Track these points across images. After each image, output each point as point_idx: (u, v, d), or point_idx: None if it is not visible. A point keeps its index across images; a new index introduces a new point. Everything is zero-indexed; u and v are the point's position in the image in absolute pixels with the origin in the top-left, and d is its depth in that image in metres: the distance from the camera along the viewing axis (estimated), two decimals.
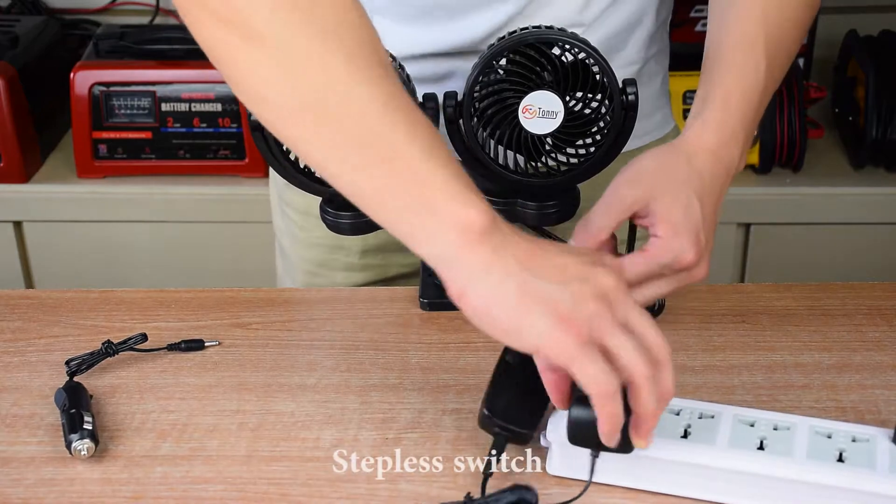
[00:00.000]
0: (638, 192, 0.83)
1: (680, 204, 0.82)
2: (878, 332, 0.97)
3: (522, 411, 0.81)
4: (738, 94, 0.87)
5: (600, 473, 0.78)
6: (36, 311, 1.02)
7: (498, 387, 0.82)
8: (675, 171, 0.84)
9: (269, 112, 0.75)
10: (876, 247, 1.82)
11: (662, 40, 1.09)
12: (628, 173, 0.85)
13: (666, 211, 0.82)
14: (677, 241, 0.82)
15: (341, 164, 0.74)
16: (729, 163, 0.86)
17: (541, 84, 0.90)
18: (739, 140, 0.87)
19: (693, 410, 0.80)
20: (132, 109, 1.80)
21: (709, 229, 0.84)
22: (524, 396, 0.81)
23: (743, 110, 0.87)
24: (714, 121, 0.86)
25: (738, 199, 1.79)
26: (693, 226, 0.82)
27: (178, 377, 0.92)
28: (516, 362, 0.82)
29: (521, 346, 0.73)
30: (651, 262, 0.82)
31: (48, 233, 1.86)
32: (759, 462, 0.76)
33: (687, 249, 0.82)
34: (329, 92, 0.72)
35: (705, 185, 0.84)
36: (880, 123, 1.79)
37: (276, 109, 0.74)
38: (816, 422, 0.79)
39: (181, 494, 0.80)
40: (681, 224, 0.82)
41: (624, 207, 0.83)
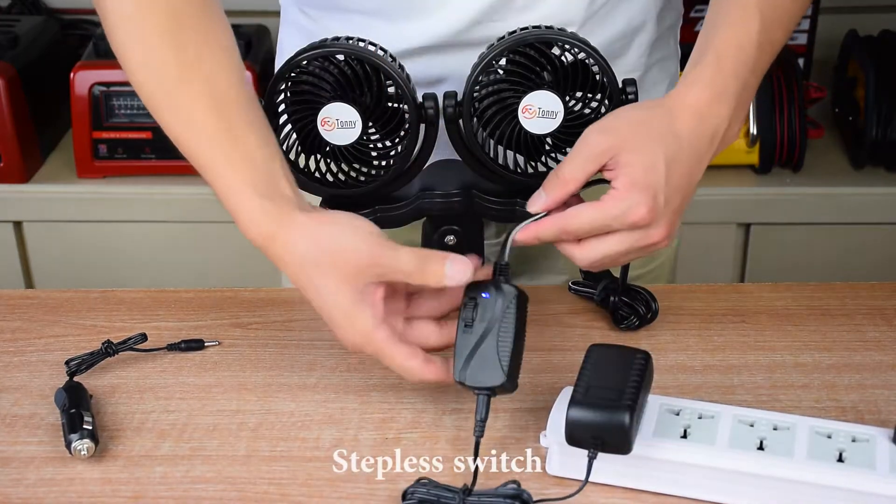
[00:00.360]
0: (608, 141, 0.83)
1: (646, 160, 0.82)
2: (878, 332, 0.97)
3: (489, 366, 0.81)
4: (730, 51, 0.85)
5: (600, 474, 0.78)
6: (36, 311, 1.02)
7: (460, 351, 0.83)
8: (651, 126, 0.83)
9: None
10: (876, 247, 1.82)
11: (668, 46, 1.08)
12: (603, 121, 0.84)
13: (628, 164, 0.82)
14: (630, 194, 0.81)
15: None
16: (716, 124, 0.84)
17: (541, 84, 0.90)
18: (730, 99, 0.85)
19: (693, 410, 0.80)
20: (132, 109, 1.80)
21: (674, 193, 0.83)
22: (484, 351, 0.82)
23: (735, 68, 0.85)
24: (703, 77, 0.85)
25: (738, 199, 1.79)
26: (652, 184, 0.81)
27: (178, 377, 0.92)
28: (470, 321, 0.83)
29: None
30: (599, 212, 0.82)
31: (48, 233, 1.86)
32: (759, 462, 0.76)
33: (639, 203, 0.81)
34: (164, 121, 0.85)
35: (682, 148, 0.83)
36: (880, 123, 1.79)
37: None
38: (816, 422, 0.79)
39: (181, 494, 0.80)
40: (639, 179, 0.81)
41: (593, 156, 0.83)
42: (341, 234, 0.83)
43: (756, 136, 1.78)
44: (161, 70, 0.84)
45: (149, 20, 0.84)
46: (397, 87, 0.89)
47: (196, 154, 0.85)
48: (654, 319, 0.97)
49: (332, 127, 0.90)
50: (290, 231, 0.83)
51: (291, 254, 0.83)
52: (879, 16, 2.00)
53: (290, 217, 0.83)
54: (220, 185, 0.84)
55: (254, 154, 0.84)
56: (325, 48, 0.89)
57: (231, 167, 0.84)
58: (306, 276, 0.83)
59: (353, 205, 0.95)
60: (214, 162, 0.84)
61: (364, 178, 0.94)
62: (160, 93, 0.85)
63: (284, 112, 0.91)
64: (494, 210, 0.94)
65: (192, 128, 0.84)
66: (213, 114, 0.84)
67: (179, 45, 0.84)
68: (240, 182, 0.83)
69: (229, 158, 0.84)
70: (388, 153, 0.93)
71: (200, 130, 0.84)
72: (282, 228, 0.83)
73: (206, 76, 0.84)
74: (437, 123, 0.91)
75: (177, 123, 0.85)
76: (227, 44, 0.88)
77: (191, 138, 0.84)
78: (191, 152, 0.85)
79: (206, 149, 0.84)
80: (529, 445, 0.83)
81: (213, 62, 0.85)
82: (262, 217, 0.83)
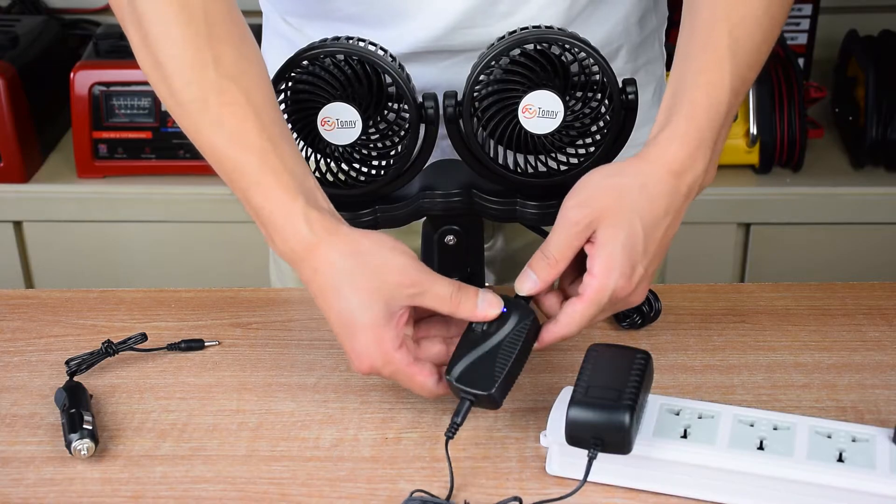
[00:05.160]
0: (588, 215, 0.82)
1: (621, 234, 0.81)
2: (878, 332, 0.97)
3: (482, 375, 0.81)
4: (704, 101, 0.84)
5: (600, 473, 0.78)
6: (36, 311, 1.02)
7: (459, 352, 0.83)
8: (625, 194, 0.82)
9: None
10: (876, 247, 1.81)
11: (653, 49, 1.08)
12: (579, 194, 0.84)
13: (606, 242, 0.82)
14: (609, 279, 0.81)
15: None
16: (692, 181, 0.84)
17: (541, 84, 0.90)
18: (706, 150, 0.84)
19: (693, 410, 0.80)
20: (132, 109, 1.80)
21: (652, 259, 0.83)
22: (483, 360, 0.82)
23: (710, 118, 0.84)
24: (678, 134, 0.84)
25: (738, 199, 1.79)
26: (630, 259, 0.81)
27: (178, 377, 0.92)
28: (479, 329, 0.83)
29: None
30: (588, 309, 0.82)
31: (48, 233, 1.86)
32: (759, 462, 0.76)
33: (619, 285, 0.81)
34: (188, 127, 0.87)
35: (659, 214, 0.82)
36: (880, 123, 1.79)
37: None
38: (816, 422, 0.79)
39: (181, 494, 0.80)
40: (617, 260, 0.81)
41: (576, 232, 0.83)
42: (386, 251, 0.82)
43: (756, 136, 1.78)
44: (204, 87, 0.83)
45: (190, 40, 0.83)
46: (397, 86, 0.89)
47: (241, 169, 0.84)
48: (656, 318, 0.97)
49: (332, 127, 0.90)
50: (334, 242, 0.82)
51: (329, 265, 0.82)
52: (879, 16, 2.00)
53: (336, 228, 0.83)
54: (263, 197, 0.83)
55: (294, 168, 0.84)
56: (325, 48, 0.89)
57: (278, 180, 0.83)
58: (335, 290, 0.82)
59: (353, 205, 0.95)
60: (263, 175, 0.83)
61: (364, 178, 0.94)
62: (203, 109, 0.84)
63: (284, 112, 0.91)
64: (494, 210, 0.94)
65: (238, 143, 0.83)
66: (257, 129, 0.83)
67: (219, 60, 0.83)
68: (290, 194, 0.82)
69: (276, 172, 0.83)
70: (388, 153, 0.93)
71: (248, 146, 0.83)
72: (325, 239, 0.82)
73: (246, 91, 0.84)
74: (437, 123, 0.91)
75: (221, 139, 0.84)
76: (258, 57, 0.87)
77: (238, 154, 0.83)
78: (235, 167, 0.84)
79: (254, 164, 0.83)
80: (529, 445, 0.83)
81: (251, 76, 0.85)
82: (308, 228, 0.82)
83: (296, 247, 0.82)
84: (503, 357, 0.82)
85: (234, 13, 0.86)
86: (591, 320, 0.83)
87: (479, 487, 0.79)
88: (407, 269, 0.82)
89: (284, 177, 0.83)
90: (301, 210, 0.82)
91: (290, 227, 0.82)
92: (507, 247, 1.13)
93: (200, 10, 0.83)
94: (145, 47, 0.85)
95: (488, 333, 0.83)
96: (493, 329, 0.83)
